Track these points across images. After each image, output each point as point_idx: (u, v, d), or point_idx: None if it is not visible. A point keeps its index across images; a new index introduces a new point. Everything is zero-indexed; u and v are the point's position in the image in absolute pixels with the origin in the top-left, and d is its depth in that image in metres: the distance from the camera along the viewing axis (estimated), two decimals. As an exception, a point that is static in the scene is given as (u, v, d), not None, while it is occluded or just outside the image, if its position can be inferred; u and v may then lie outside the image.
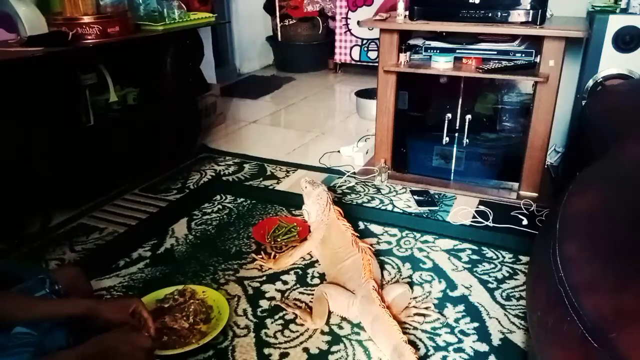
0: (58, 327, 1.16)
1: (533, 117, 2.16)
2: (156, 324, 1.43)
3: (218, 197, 2.32)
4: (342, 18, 4.58)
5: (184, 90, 2.76)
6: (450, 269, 1.77)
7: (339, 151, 2.83)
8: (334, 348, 1.42)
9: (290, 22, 4.75)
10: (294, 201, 2.17)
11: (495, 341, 1.44)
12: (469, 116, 2.34)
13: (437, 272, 1.76)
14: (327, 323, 1.50)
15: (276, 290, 1.67)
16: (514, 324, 1.50)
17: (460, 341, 1.44)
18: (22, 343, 1.08)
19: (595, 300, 0.84)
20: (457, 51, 2.27)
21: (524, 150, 2.23)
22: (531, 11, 2.06)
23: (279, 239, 1.92)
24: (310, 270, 1.78)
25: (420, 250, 1.89)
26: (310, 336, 1.46)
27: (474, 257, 1.85)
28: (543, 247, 1.06)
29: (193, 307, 1.48)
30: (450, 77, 2.34)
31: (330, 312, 1.52)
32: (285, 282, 1.71)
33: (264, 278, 1.73)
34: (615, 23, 2.15)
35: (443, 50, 2.27)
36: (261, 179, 2.53)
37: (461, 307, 1.58)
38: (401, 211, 2.19)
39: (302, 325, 1.50)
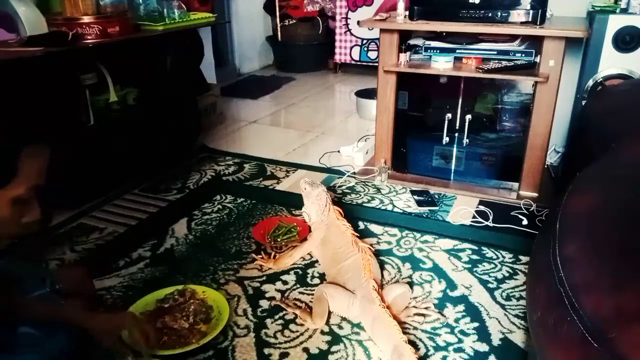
0: (62, 330, 1.17)
1: (533, 117, 2.16)
2: (157, 324, 1.44)
3: (218, 197, 2.32)
4: (342, 18, 4.58)
5: (184, 90, 2.77)
6: (450, 269, 1.77)
7: (339, 151, 2.83)
8: (334, 348, 1.42)
9: (290, 22, 4.75)
10: (294, 201, 2.17)
11: (495, 341, 1.44)
12: (469, 116, 2.34)
13: (437, 272, 1.76)
14: (327, 323, 1.50)
15: (276, 290, 1.67)
16: (514, 324, 1.50)
17: (460, 341, 1.44)
18: (28, 343, 1.08)
19: (595, 300, 0.84)
20: (457, 51, 2.27)
21: (524, 150, 2.23)
22: (531, 11, 2.06)
23: (279, 239, 1.92)
24: (310, 270, 1.78)
25: (420, 250, 1.89)
26: (310, 336, 1.46)
27: (474, 257, 1.85)
28: (543, 247, 1.06)
29: (193, 307, 1.48)
30: (450, 77, 2.34)
31: (330, 312, 1.52)
32: (285, 282, 1.71)
33: (264, 278, 1.73)
34: (615, 23, 2.15)
35: (443, 50, 2.27)
36: (261, 179, 2.53)
37: (461, 307, 1.58)
38: (401, 211, 2.19)
39: (302, 325, 1.50)
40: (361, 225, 2.06)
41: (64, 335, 1.17)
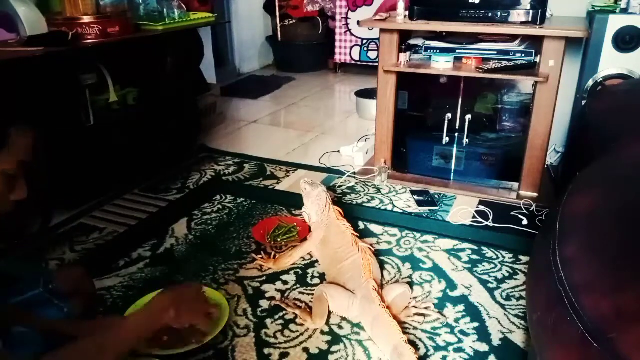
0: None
1: (533, 117, 2.16)
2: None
3: (218, 197, 2.32)
4: (342, 18, 4.58)
5: (184, 90, 2.77)
6: (450, 269, 1.77)
7: (339, 151, 2.83)
8: (334, 348, 1.42)
9: (290, 22, 4.75)
10: (294, 201, 2.17)
11: (495, 341, 1.44)
12: (469, 116, 2.34)
13: (437, 272, 1.76)
14: (327, 323, 1.50)
15: (276, 290, 1.67)
16: (514, 324, 1.51)
17: (460, 341, 1.44)
18: (24, 341, 1.08)
19: (595, 300, 0.84)
20: (457, 51, 2.27)
21: (524, 150, 2.23)
22: (531, 11, 2.06)
23: (279, 239, 1.92)
24: (310, 270, 1.78)
25: (420, 250, 1.89)
26: (310, 336, 1.46)
27: (474, 257, 1.85)
28: (543, 247, 1.06)
29: (193, 307, 1.48)
30: (450, 77, 2.34)
31: (330, 312, 1.52)
32: (285, 282, 1.71)
33: (264, 278, 1.73)
34: (615, 23, 2.15)
35: (443, 50, 2.27)
36: (261, 179, 2.53)
37: (461, 307, 1.58)
38: (401, 211, 2.19)
39: (302, 325, 1.50)
40: (361, 225, 2.06)
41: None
